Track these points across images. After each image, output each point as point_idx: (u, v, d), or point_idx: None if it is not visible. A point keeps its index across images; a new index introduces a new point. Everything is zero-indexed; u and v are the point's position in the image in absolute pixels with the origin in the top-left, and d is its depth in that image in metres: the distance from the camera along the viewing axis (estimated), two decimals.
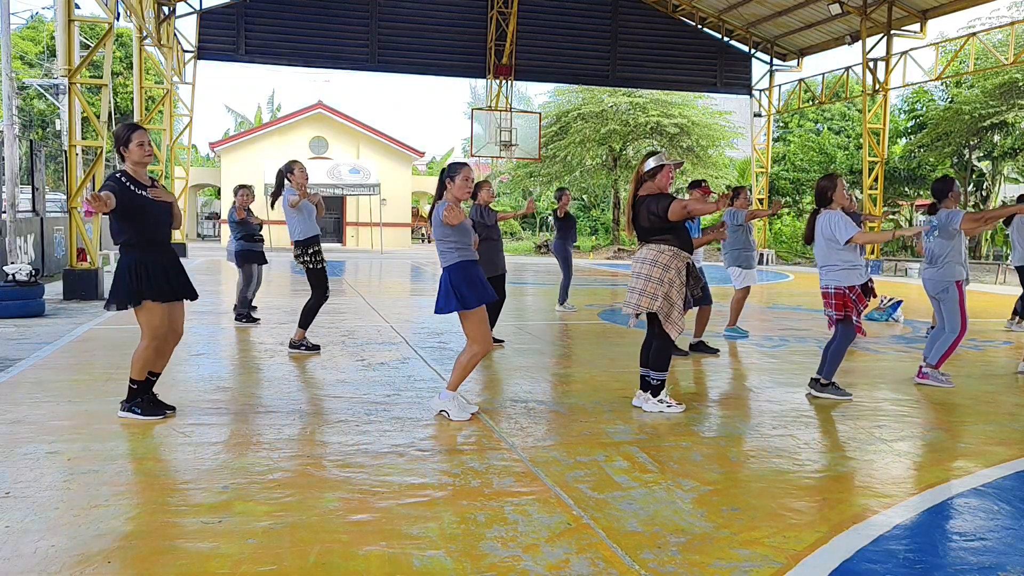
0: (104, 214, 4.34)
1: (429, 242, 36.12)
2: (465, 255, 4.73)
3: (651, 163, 5.02)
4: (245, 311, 8.76)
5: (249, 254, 8.77)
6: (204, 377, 5.96)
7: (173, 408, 4.75)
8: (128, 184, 4.43)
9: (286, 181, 6.77)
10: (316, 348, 7.00)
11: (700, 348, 7.39)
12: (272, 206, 7.35)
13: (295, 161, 6.97)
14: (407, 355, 6.90)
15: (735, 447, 4.31)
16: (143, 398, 4.63)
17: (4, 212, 13.26)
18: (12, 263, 10.61)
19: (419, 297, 12.68)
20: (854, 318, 5.35)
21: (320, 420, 4.67)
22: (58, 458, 3.85)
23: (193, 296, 4.78)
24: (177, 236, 22.21)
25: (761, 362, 7.07)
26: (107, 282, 12.02)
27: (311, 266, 6.81)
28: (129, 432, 4.31)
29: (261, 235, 9.01)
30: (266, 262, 9.11)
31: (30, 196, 15.04)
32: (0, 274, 9.86)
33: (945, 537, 3.13)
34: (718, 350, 7.41)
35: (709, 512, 3.31)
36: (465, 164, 4.87)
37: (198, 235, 36.56)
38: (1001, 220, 5.85)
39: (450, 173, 4.76)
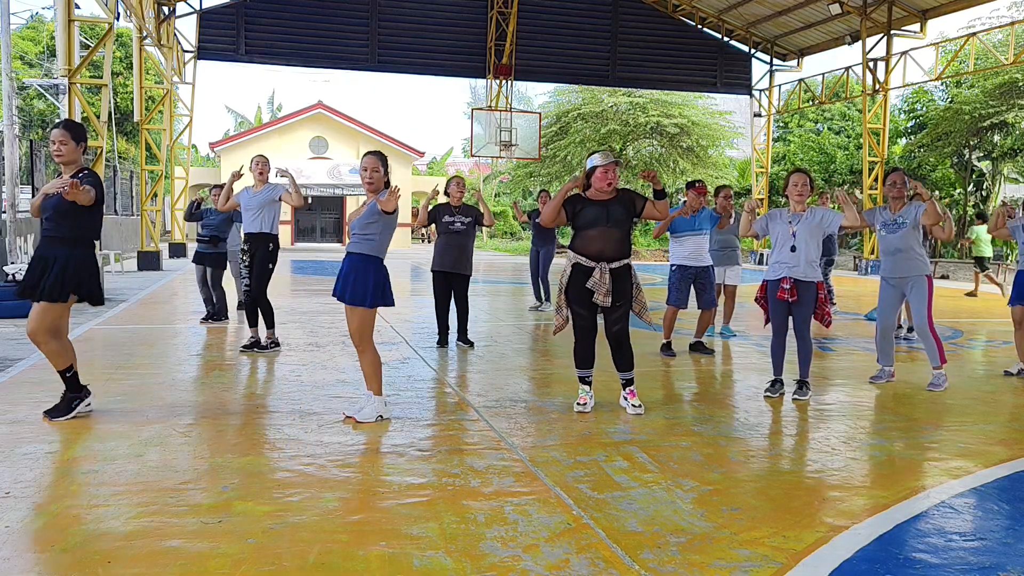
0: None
1: (428, 242, 36.12)
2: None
3: (589, 162, 4.93)
4: (209, 308, 8.75)
5: (195, 254, 8.76)
6: (204, 377, 5.96)
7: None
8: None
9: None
10: (248, 347, 6.99)
11: (698, 348, 7.41)
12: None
13: (256, 156, 7.11)
14: (407, 355, 6.90)
15: (735, 447, 4.31)
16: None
17: (4, 212, 13.26)
18: (12, 263, 10.61)
19: (419, 297, 12.66)
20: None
21: (320, 420, 4.67)
22: (58, 458, 3.86)
23: (25, 297, 4.51)
24: (177, 236, 22.21)
25: (761, 362, 7.06)
26: (107, 282, 12.02)
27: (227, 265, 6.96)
28: (129, 432, 4.31)
29: (205, 237, 8.62)
30: (212, 266, 8.63)
31: (30, 196, 15.05)
32: (0, 274, 9.86)
33: (945, 537, 3.13)
34: (713, 351, 7.41)
35: (709, 512, 3.31)
36: (368, 153, 4.75)
37: (198, 235, 36.57)
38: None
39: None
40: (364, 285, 4.61)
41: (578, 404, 4.99)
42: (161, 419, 4.59)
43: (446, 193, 7.38)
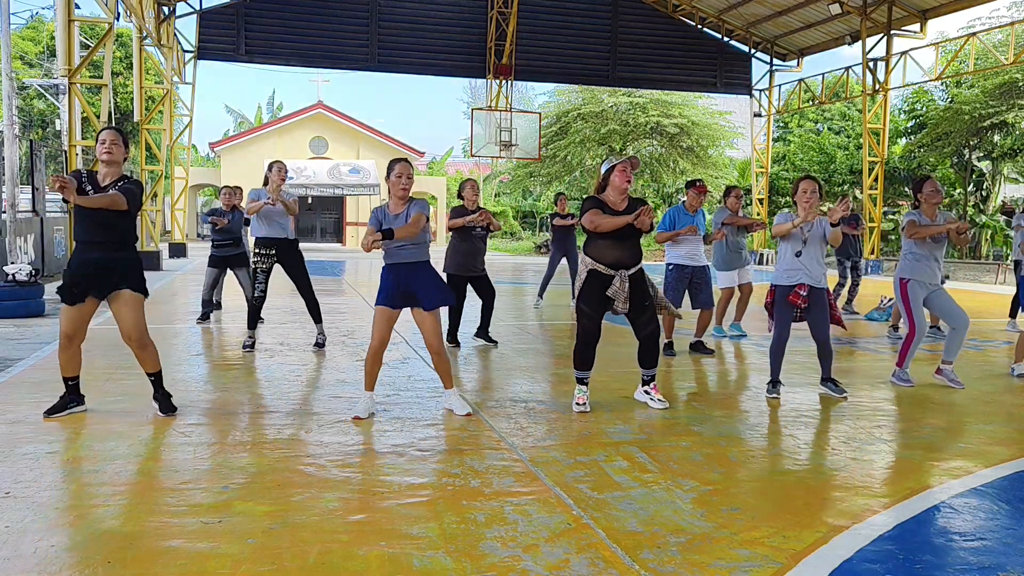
0: (66, 200, 4.32)
1: None
2: (389, 258, 4.76)
3: (603, 167, 5.05)
4: (206, 310, 8.79)
5: (212, 258, 8.74)
6: (203, 377, 5.96)
7: (175, 409, 4.74)
8: (84, 182, 4.45)
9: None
10: (250, 347, 7.01)
11: (698, 348, 7.40)
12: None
13: (275, 162, 7.14)
14: (407, 355, 6.90)
15: (735, 447, 4.31)
16: (63, 396, 4.63)
17: (4, 212, 13.26)
18: (12, 263, 10.60)
19: None
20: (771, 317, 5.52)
21: (320, 420, 4.67)
22: (58, 458, 3.85)
23: (97, 297, 4.50)
24: (177, 236, 22.21)
25: (761, 362, 7.06)
26: None
27: (251, 265, 6.94)
28: (129, 432, 4.31)
29: (228, 240, 8.63)
30: (238, 266, 8.63)
31: (30, 196, 15.03)
32: (0, 274, 9.86)
33: (945, 537, 3.13)
34: (713, 351, 7.41)
35: (709, 512, 3.31)
36: (403, 160, 4.83)
37: (198, 235, 36.58)
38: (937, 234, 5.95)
39: (388, 168, 4.78)
40: (443, 286, 4.87)
41: (577, 404, 5.00)
42: (161, 419, 4.59)
43: (460, 196, 7.39)
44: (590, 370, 5.09)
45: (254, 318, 7.09)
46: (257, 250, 6.99)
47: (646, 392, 5.22)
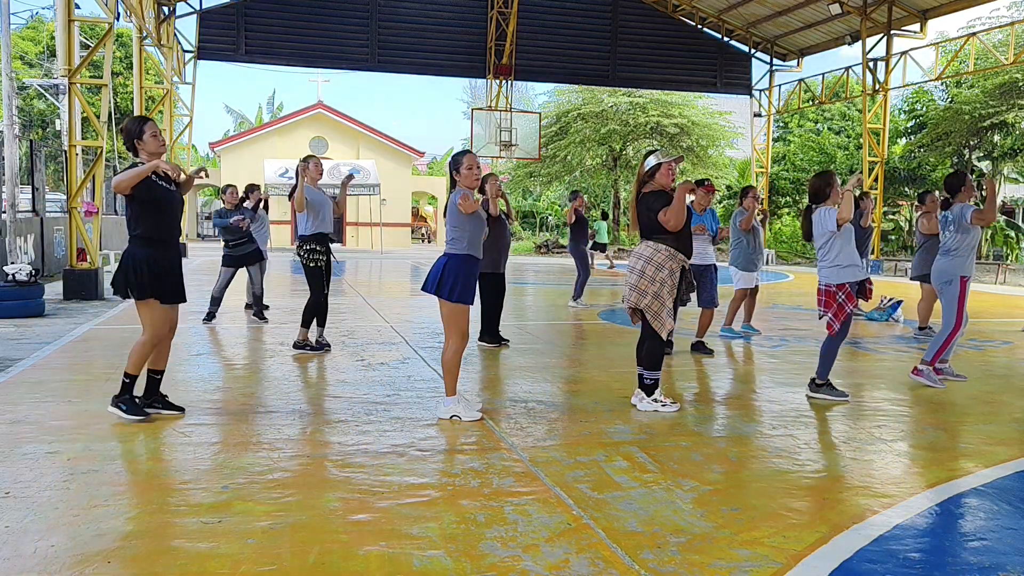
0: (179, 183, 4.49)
1: (428, 242, 36.09)
2: (472, 249, 4.73)
3: (651, 161, 5.09)
4: (213, 309, 8.82)
5: (228, 258, 8.80)
6: (204, 377, 5.96)
7: (182, 409, 4.73)
8: (152, 175, 4.40)
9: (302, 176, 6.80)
10: (320, 347, 6.96)
11: (699, 348, 7.38)
12: (290, 199, 7.13)
13: (311, 156, 6.99)
14: (407, 355, 6.90)
15: (735, 447, 4.31)
16: (129, 396, 4.58)
17: (4, 212, 13.26)
18: (12, 263, 10.60)
19: (419, 297, 12.66)
20: (828, 315, 5.34)
21: (320, 420, 4.67)
22: (58, 458, 3.85)
23: (183, 300, 4.71)
24: None
25: (761, 362, 7.07)
26: (107, 282, 12.01)
27: (304, 263, 6.80)
28: (129, 432, 4.31)
29: (243, 239, 8.77)
30: (252, 263, 8.85)
31: (30, 196, 15.04)
32: (0, 274, 9.86)
33: (945, 537, 3.13)
34: (713, 351, 7.40)
35: (709, 512, 3.31)
36: (468, 152, 4.93)
37: (198, 235, 36.58)
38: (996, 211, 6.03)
39: (455, 164, 4.81)
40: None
41: (672, 403, 5.05)
42: (161, 419, 4.59)
43: (481, 192, 7.37)
44: None
45: (323, 316, 6.98)
46: (314, 247, 6.76)
47: (654, 400, 5.07)
